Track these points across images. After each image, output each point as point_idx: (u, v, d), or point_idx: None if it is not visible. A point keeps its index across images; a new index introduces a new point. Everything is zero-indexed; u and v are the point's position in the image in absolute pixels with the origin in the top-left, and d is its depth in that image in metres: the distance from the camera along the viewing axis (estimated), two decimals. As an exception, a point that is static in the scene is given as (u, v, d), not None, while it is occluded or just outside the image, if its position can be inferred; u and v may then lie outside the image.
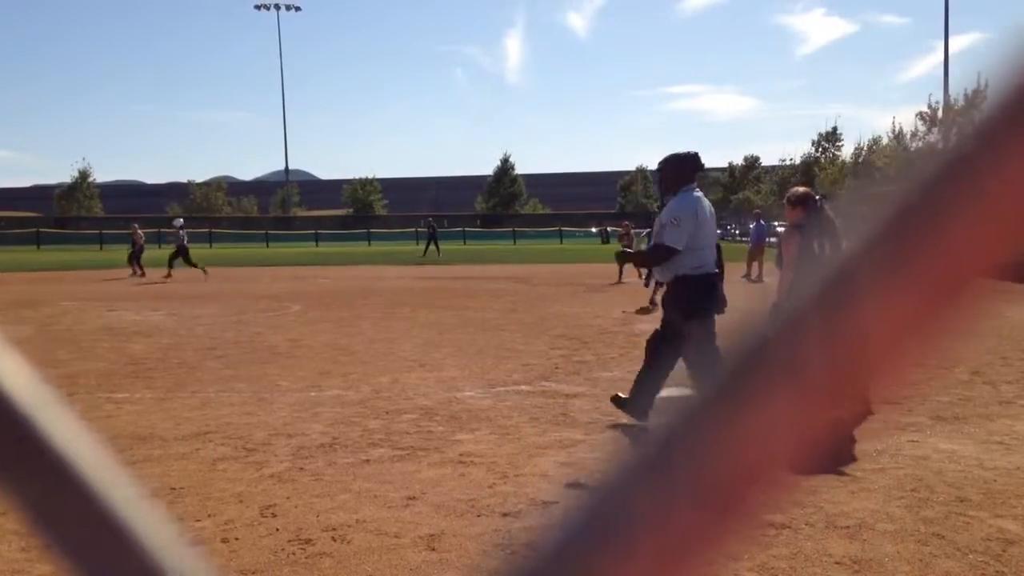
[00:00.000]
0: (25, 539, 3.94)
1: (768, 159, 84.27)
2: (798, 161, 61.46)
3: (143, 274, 25.08)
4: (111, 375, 8.42)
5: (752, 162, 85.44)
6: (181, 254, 24.72)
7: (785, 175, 62.70)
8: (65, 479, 0.26)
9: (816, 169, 55.00)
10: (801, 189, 6.63)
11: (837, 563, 3.58)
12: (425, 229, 40.67)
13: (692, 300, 5.78)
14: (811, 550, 3.68)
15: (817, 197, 6.45)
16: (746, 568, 3.60)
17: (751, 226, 25.40)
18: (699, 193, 5.94)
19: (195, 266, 24.11)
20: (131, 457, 5.36)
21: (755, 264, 21.23)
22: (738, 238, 57.37)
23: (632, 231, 24.09)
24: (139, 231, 26.86)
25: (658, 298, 6.45)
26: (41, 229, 65.28)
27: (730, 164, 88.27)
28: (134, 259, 25.92)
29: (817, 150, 60.10)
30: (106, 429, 6.08)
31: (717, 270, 5.94)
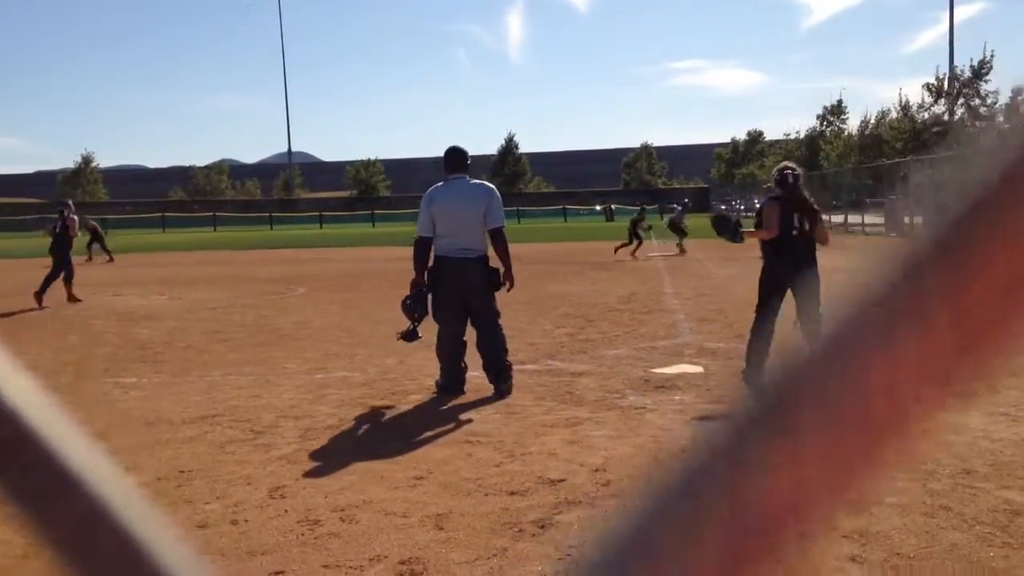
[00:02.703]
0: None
1: (773, 133, 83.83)
2: (803, 135, 61.13)
3: (111, 259, 25.13)
4: (119, 359, 8.45)
5: (756, 137, 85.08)
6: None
7: (790, 149, 62.42)
8: (60, 477, 0.26)
9: (821, 143, 54.68)
10: (782, 164, 6.98)
11: (844, 536, 3.59)
12: None
13: (431, 280, 6.59)
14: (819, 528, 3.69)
15: (796, 173, 6.73)
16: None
17: (759, 201, 25.25)
18: (456, 182, 6.64)
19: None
20: (140, 441, 5.39)
21: None
22: (744, 214, 57.24)
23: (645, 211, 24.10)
24: (91, 219, 26.90)
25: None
26: (45, 215, 65.31)
27: (733, 139, 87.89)
28: (93, 246, 25.94)
29: (822, 124, 59.75)
30: (115, 414, 6.11)
31: (462, 255, 6.48)
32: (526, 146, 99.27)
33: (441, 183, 6.74)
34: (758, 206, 7.51)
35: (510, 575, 3.37)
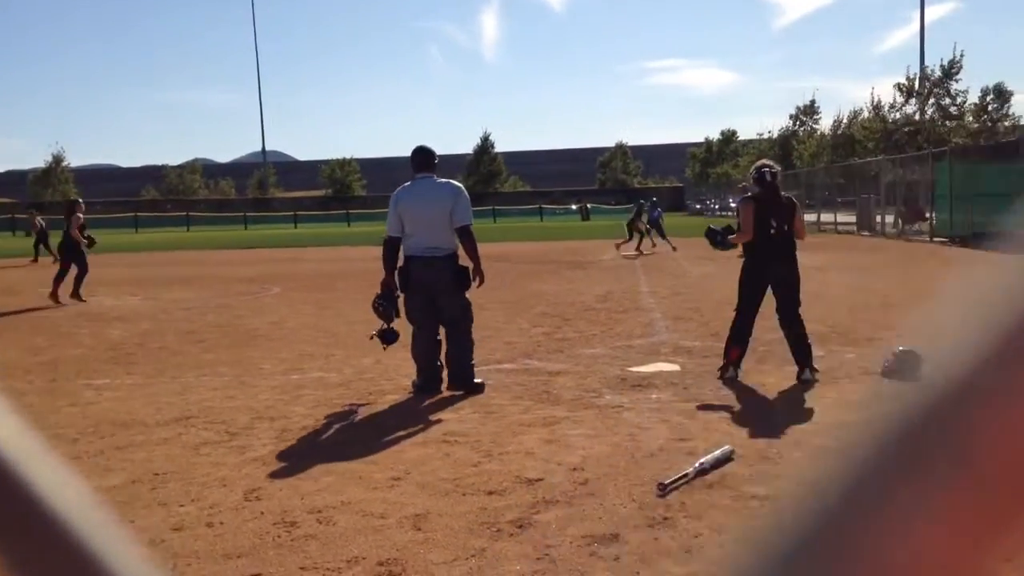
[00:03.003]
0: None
1: (747, 133, 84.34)
2: (776, 135, 61.54)
3: (56, 259, 24.84)
4: (90, 361, 8.35)
5: (729, 136, 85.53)
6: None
7: (763, 149, 62.83)
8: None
9: (794, 142, 55.10)
10: (759, 162, 7.07)
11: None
12: None
13: (401, 280, 6.63)
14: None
15: (774, 170, 6.81)
16: (732, 539, 3.63)
17: (736, 201, 25.38)
18: (423, 181, 6.67)
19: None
20: (113, 443, 5.33)
21: None
22: (717, 213, 57.52)
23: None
24: (38, 218, 26.59)
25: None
26: (16, 215, 64.44)
27: (707, 139, 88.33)
28: (39, 246, 25.68)
29: (795, 124, 60.18)
30: (87, 416, 6.04)
31: (430, 254, 6.50)
32: (501, 145, 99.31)
33: (408, 183, 6.75)
34: (734, 205, 7.67)
35: (488, 574, 3.36)
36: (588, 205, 66.21)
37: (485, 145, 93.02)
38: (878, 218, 31.14)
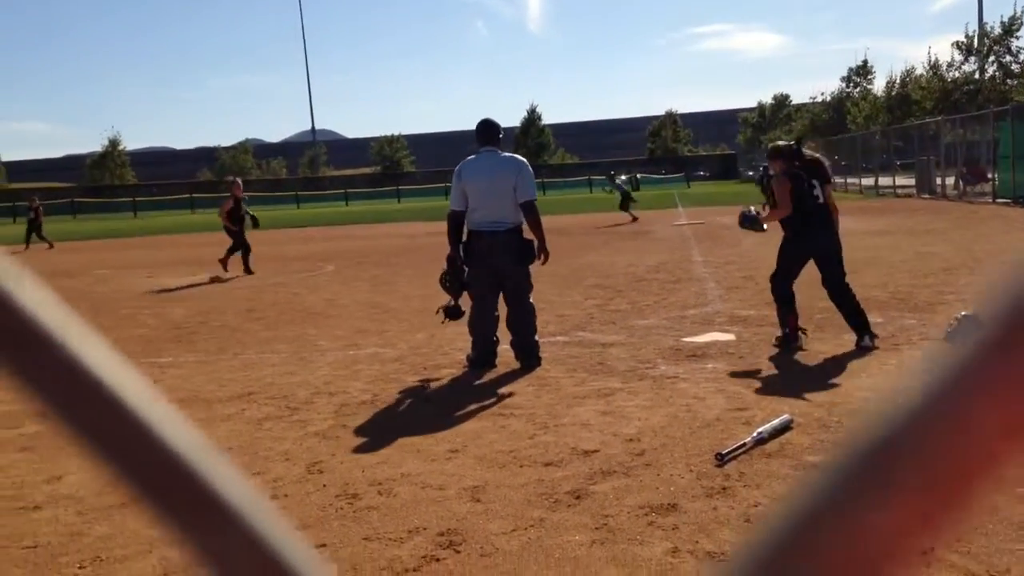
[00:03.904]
0: (80, 503, 4.06)
1: (800, 97, 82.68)
2: (829, 98, 60.20)
3: (51, 245, 25.34)
4: (154, 340, 8.57)
5: (782, 101, 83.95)
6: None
7: (817, 112, 61.53)
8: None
9: (848, 105, 53.85)
10: (778, 143, 7.13)
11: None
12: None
13: (465, 254, 6.63)
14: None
15: (793, 145, 6.89)
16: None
17: (761, 169, 24.90)
18: (487, 155, 6.60)
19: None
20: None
21: None
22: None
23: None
24: (38, 203, 26.71)
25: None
26: (76, 199, 66.05)
27: (759, 104, 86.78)
28: (33, 232, 25.82)
29: (848, 85, 58.79)
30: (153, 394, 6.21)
31: (494, 228, 6.47)
32: (549, 117, 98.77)
33: (472, 156, 6.70)
34: (758, 175, 7.70)
35: (548, 544, 3.40)
36: (638, 176, 65.57)
37: (532, 117, 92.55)
38: (938, 180, 30.38)
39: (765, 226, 6.94)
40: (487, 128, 6.72)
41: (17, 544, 3.62)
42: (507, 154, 6.73)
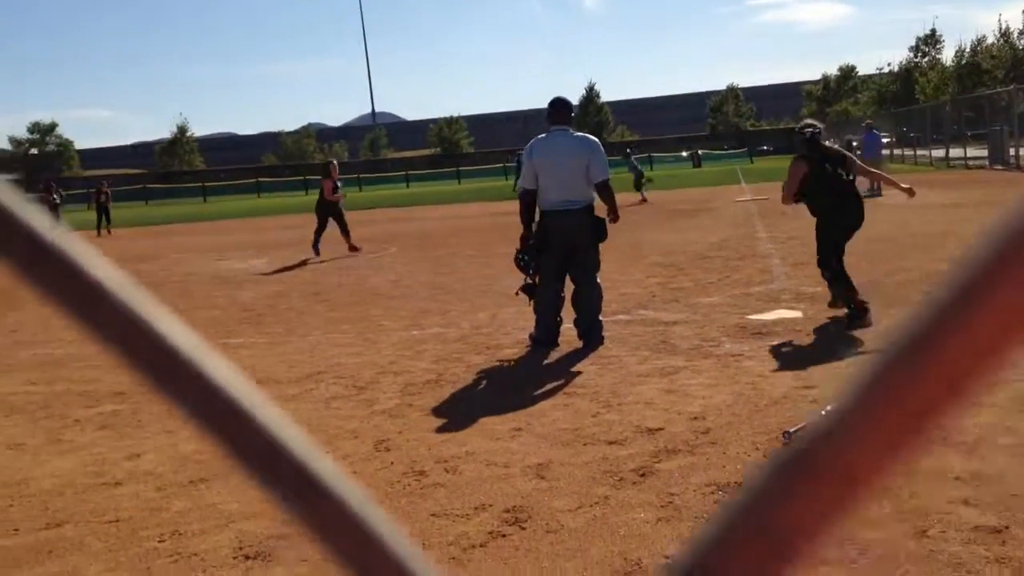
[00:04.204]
0: (159, 479, 4.21)
1: (867, 68, 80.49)
2: (896, 68, 58.53)
3: (108, 232, 25.93)
4: (225, 322, 8.79)
5: (848, 72, 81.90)
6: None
7: (884, 84, 59.88)
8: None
9: (916, 75, 52.28)
10: (805, 122, 7.10)
11: (956, 478, 3.52)
12: (513, 163, 41.07)
13: (537, 233, 6.57)
14: (928, 467, 3.62)
15: (815, 129, 6.85)
16: (858, 487, 3.57)
17: (856, 141, 24.28)
18: (558, 134, 6.52)
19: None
20: (250, 399, 5.61)
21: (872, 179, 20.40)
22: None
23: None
24: (106, 188, 27.11)
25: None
26: (147, 185, 67.75)
27: (824, 75, 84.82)
28: (103, 217, 26.37)
29: (916, 55, 57.06)
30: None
31: (566, 207, 6.41)
32: (607, 95, 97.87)
33: (543, 135, 6.63)
34: (854, 144, 7.62)
35: (613, 522, 3.42)
36: (700, 152, 64.71)
37: (590, 95, 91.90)
38: (1011, 151, 29.34)
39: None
40: (559, 107, 6.64)
41: (100, 519, 3.77)
42: (579, 134, 6.66)
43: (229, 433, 0.28)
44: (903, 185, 7.05)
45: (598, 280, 6.63)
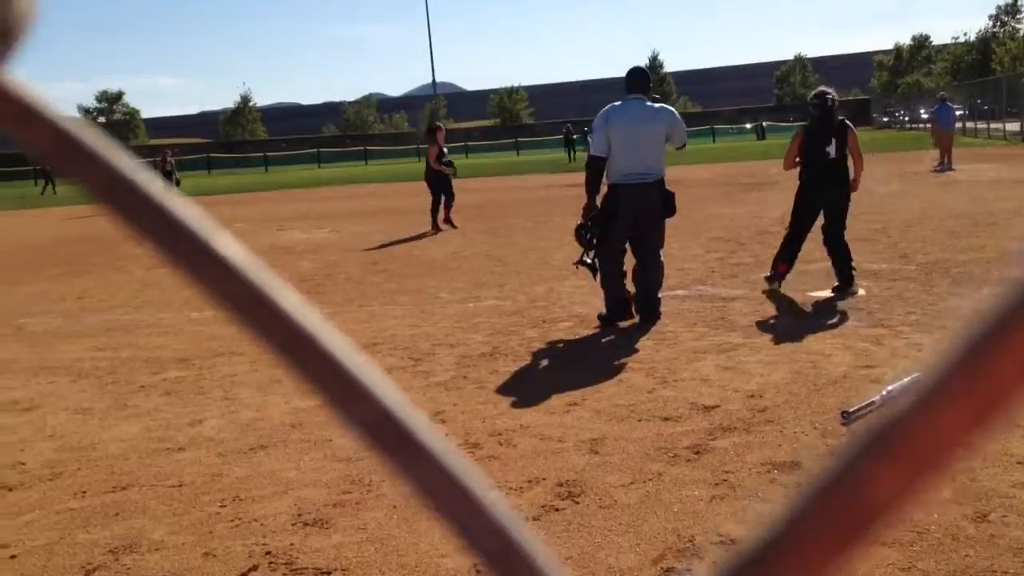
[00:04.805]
0: (220, 445, 4.31)
1: (942, 37, 77.96)
2: (973, 38, 56.51)
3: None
4: (284, 292, 8.92)
5: (922, 42, 79.37)
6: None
7: (959, 54, 57.93)
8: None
9: (994, 45, 50.42)
10: (818, 89, 7.30)
11: (1019, 462, 3.43)
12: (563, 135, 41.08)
13: (605, 206, 6.39)
14: (991, 451, 3.53)
15: (833, 97, 7.08)
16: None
17: (930, 111, 23.51)
18: (635, 103, 6.38)
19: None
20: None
21: (943, 151, 19.89)
22: (907, 125, 53.78)
23: None
24: (170, 157, 26.98)
25: None
26: (211, 155, 68.93)
27: (896, 45, 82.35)
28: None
29: (995, 25, 55.00)
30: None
31: (639, 181, 6.28)
32: (671, 65, 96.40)
33: (618, 102, 6.43)
34: (926, 116, 7.74)
35: (667, 499, 3.41)
36: (764, 123, 63.47)
37: (653, 65, 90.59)
38: (1093, 124, 28.18)
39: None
40: (637, 75, 6.52)
41: (163, 483, 3.87)
42: (657, 104, 6.50)
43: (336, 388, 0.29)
44: (859, 178, 7.19)
45: (662, 256, 6.53)
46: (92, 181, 0.30)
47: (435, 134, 14.53)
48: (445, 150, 14.36)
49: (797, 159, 7.11)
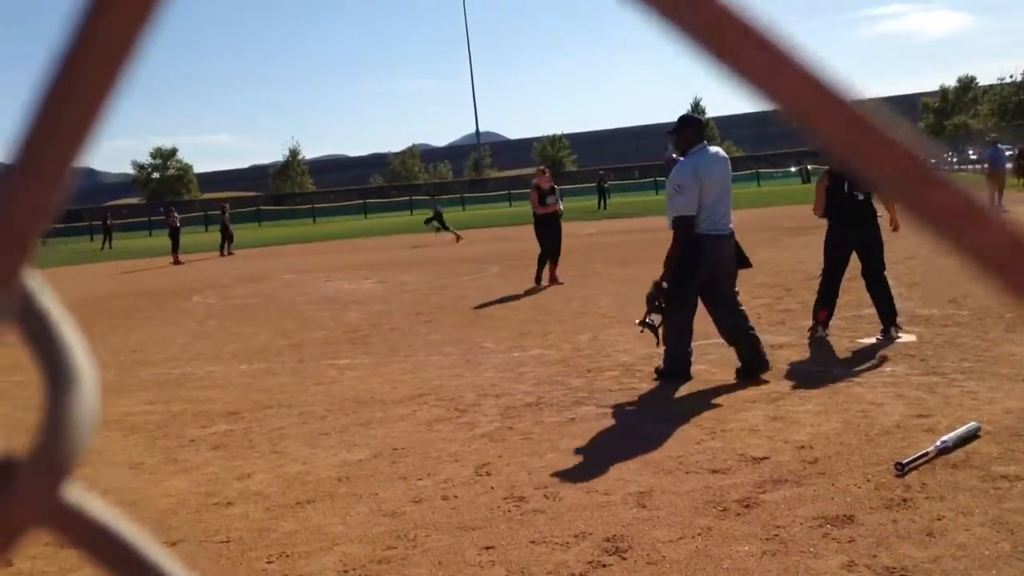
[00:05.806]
0: (268, 500, 4.33)
1: (987, 79, 77.17)
2: (1020, 78, 55.84)
3: (230, 253, 26.98)
4: (332, 342, 9.01)
5: (967, 83, 78.56)
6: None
7: (1006, 95, 57.22)
8: None
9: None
10: None
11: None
12: (595, 184, 42.10)
13: (688, 258, 6.03)
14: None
15: None
16: (978, 523, 3.40)
17: (980, 154, 23.13)
18: (709, 152, 6.22)
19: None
20: (358, 420, 5.74)
21: (996, 193, 20.01)
22: (956, 167, 53.05)
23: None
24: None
25: None
26: (261, 207, 70.27)
27: (942, 87, 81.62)
28: (226, 239, 27.29)
29: (1044, 62, 54.29)
30: (334, 394, 6.54)
31: (720, 232, 6.11)
32: (713, 110, 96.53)
33: (696, 151, 6.13)
34: (974, 158, 7.86)
35: (716, 554, 3.35)
36: (810, 166, 63.01)
37: (696, 110, 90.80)
38: None
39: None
40: (699, 124, 6.37)
41: (212, 538, 3.90)
42: (717, 149, 6.35)
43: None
44: (895, 216, 7.30)
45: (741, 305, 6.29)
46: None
47: (537, 177, 13.49)
48: (551, 188, 13.28)
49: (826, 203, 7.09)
